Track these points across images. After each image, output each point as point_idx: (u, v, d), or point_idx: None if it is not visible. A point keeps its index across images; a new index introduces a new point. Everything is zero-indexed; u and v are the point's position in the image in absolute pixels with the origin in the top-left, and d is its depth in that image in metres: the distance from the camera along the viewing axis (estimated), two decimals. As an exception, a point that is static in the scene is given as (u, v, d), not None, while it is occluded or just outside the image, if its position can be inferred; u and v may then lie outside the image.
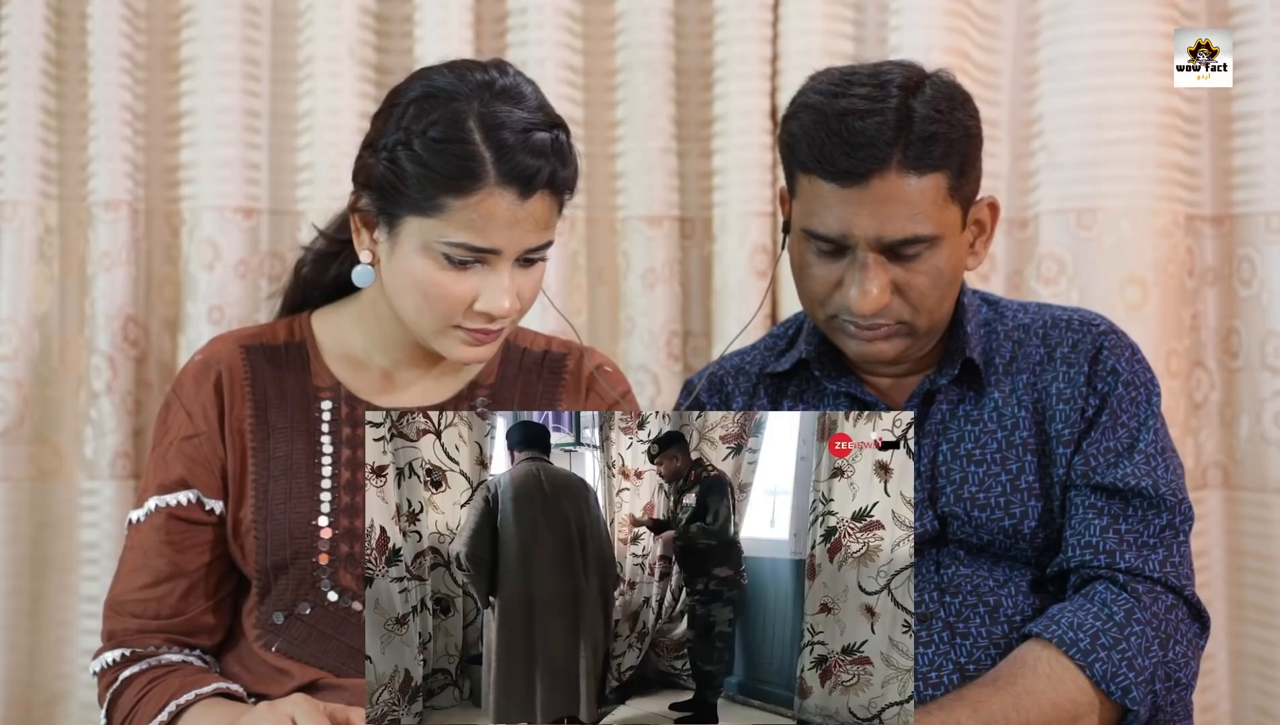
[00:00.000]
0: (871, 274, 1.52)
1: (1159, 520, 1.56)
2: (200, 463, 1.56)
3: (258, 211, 2.20)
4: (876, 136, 1.48)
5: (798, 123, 1.55)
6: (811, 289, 1.59)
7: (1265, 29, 2.12)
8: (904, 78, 1.53)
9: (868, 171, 1.49)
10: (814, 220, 1.54)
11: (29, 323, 2.16)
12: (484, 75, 1.47)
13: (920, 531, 1.60)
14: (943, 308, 1.59)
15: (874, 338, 1.57)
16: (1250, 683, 2.19)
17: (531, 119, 1.45)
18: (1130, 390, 1.61)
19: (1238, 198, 2.17)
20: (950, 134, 1.51)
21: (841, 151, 1.49)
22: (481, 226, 1.43)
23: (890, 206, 1.50)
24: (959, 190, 1.54)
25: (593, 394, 1.66)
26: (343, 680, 1.52)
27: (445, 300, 1.46)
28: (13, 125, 2.14)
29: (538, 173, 1.43)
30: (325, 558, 1.53)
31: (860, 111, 1.50)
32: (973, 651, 1.57)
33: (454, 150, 1.42)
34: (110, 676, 1.54)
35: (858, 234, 1.51)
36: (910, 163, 1.49)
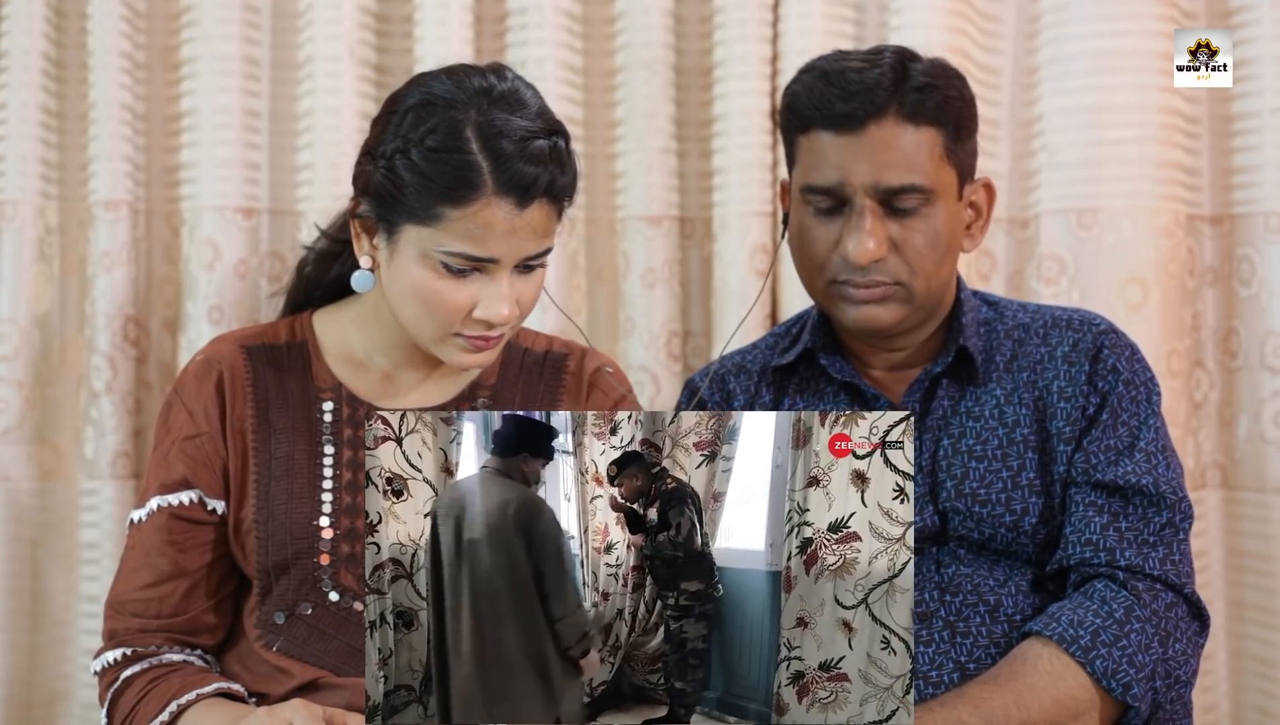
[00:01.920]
0: (869, 225, 1.56)
1: (1159, 518, 1.56)
2: (202, 462, 1.56)
3: (258, 211, 2.19)
4: (876, 85, 1.55)
5: (799, 83, 1.61)
6: (811, 253, 1.61)
7: (1265, 29, 2.12)
8: (899, 50, 1.60)
9: (865, 116, 1.54)
10: (813, 174, 1.58)
11: (29, 323, 2.16)
12: (482, 81, 1.46)
13: (920, 527, 1.60)
14: (940, 275, 1.60)
15: (870, 299, 1.58)
16: (1250, 683, 2.19)
17: (530, 126, 1.44)
18: (1131, 389, 1.61)
19: (1238, 198, 2.18)
20: (945, 92, 1.57)
21: (840, 97, 1.55)
22: (479, 236, 1.43)
23: (887, 154, 1.55)
24: (954, 153, 1.58)
25: (594, 395, 1.66)
26: (343, 680, 1.52)
27: (444, 308, 1.46)
28: (13, 125, 2.13)
29: (535, 181, 1.43)
30: (326, 558, 1.53)
31: (859, 68, 1.57)
32: (973, 650, 1.58)
33: (451, 160, 1.41)
34: (111, 676, 1.54)
35: (855, 181, 1.55)
36: (906, 111, 1.55)
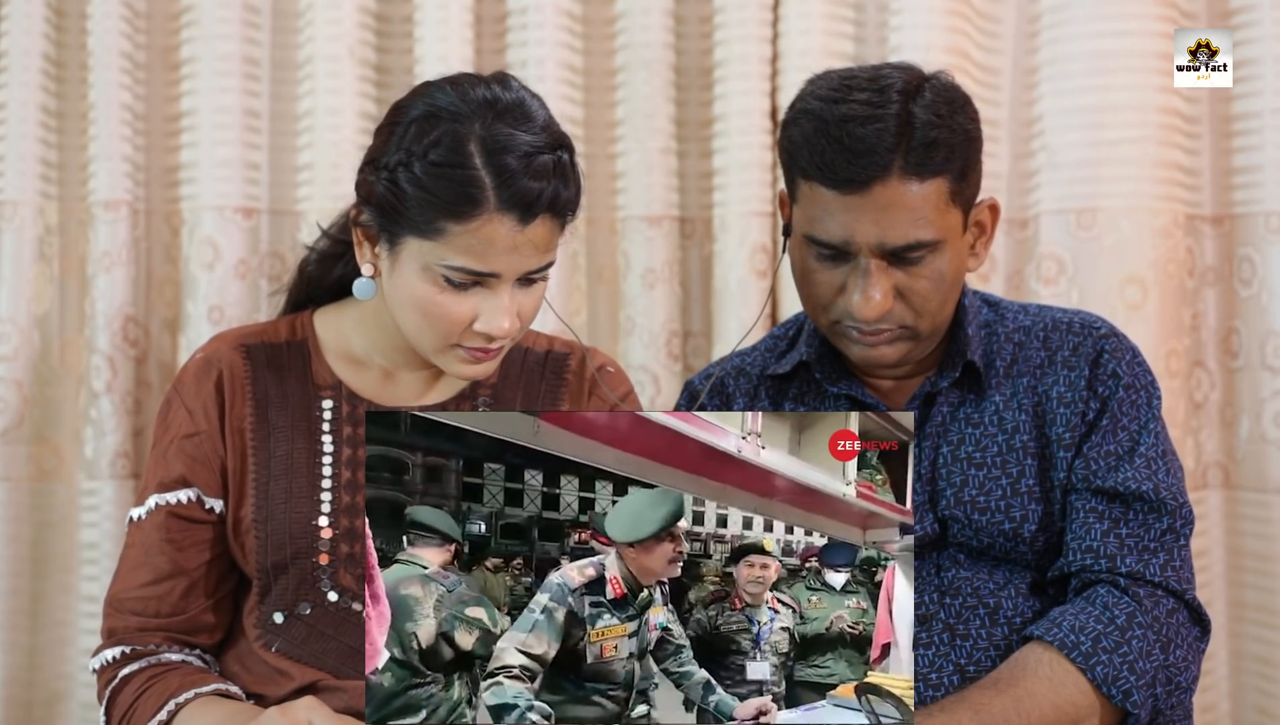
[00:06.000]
0: (874, 280, 1.52)
1: (1160, 524, 1.56)
2: (201, 461, 1.56)
3: (258, 211, 2.20)
4: (877, 143, 1.48)
5: (798, 129, 1.54)
6: (814, 294, 1.59)
7: (1265, 29, 2.12)
8: (904, 82, 1.52)
9: (869, 179, 1.48)
10: (816, 227, 1.53)
11: (29, 323, 2.16)
12: (487, 93, 1.44)
13: (920, 534, 1.60)
14: (945, 311, 1.59)
15: (877, 343, 1.57)
16: (1250, 683, 2.19)
17: (535, 141, 1.42)
18: (1131, 393, 1.60)
19: (1238, 198, 2.18)
20: (951, 139, 1.51)
21: (843, 159, 1.48)
22: (481, 251, 1.41)
23: (892, 213, 1.49)
24: (960, 194, 1.54)
25: (594, 395, 1.66)
26: (342, 682, 1.51)
27: (445, 320, 1.45)
28: (13, 125, 2.14)
29: (539, 197, 1.41)
30: (325, 558, 1.53)
31: (861, 118, 1.49)
32: (973, 653, 1.57)
33: (454, 175, 1.40)
34: (109, 674, 1.54)
35: (860, 241, 1.51)
36: (912, 169, 1.48)
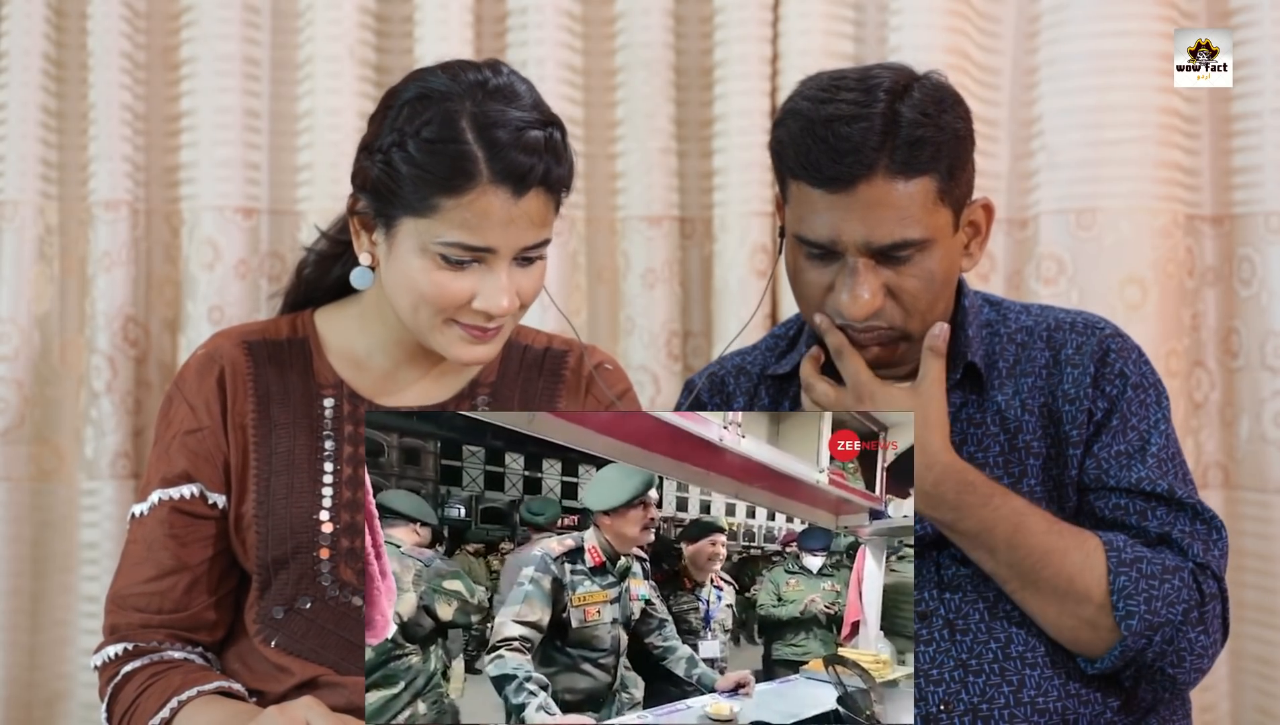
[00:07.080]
0: (862, 279, 1.52)
1: (1184, 517, 1.56)
2: (203, 457, 1.56)
3: (258, 211, 2.20)
4: (862, 142, 1.48)
5: (785, 130, 1.54)
6: (805, 294, 1.59)
7: (1265, 29, 2.12)
8: (892, 81, 1.52)
9: (854, 177, 1.48)
10: (803, 226, 1.54)
11: (29, 323, 2.16)
12: (477, 75, 1.47)
13: (921, 533, 1.60)
14: (935, 311, 1.58)
15: (868, 342, 1.57)
16: (1250, 683, 2.19)
17: (525, 117, 1.45)
18: (1139, 392, 1.60)
19: (1238, 198, 2.18)
20: (938, 137, 1.50)
21: (828, 158, 1.48)
22: (475, 225, 1.43)
23: (878, 211, 1.49)
24: (949, 193, 1.53)
25: (593, 392, 1.66)
26: (342, 678, 1.51)
27: (442, 298, 1.46)
28: (13, 125, 2.14)
29: (531, 170, 1.43)
30: (326, 552, 1.53)
31: (846, 117, 1.49)
32: (973, 646, 1.57)
33: (447, 150, 1.42)
34: (111, 671, 1.53)
35: (846, 239, 1.51)
36: (897, 167, 1.48)
